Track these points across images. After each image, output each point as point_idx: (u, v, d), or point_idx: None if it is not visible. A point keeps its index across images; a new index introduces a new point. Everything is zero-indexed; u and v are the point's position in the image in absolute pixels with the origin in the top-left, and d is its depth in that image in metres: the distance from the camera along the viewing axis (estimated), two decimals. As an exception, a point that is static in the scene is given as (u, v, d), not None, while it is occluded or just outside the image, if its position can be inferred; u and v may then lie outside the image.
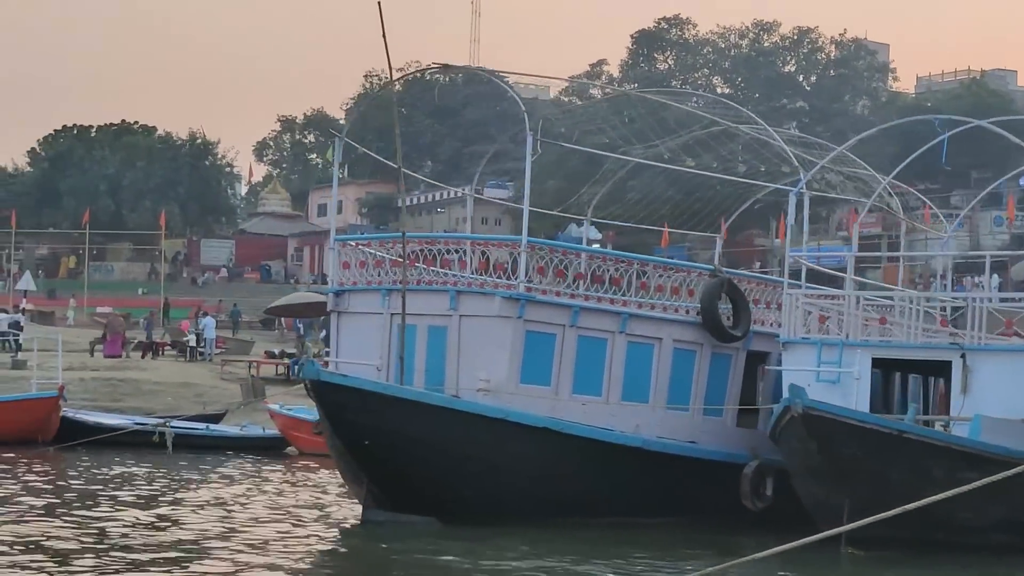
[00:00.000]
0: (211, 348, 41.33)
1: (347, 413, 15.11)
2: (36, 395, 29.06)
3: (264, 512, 17.84)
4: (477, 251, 17.15)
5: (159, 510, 17.76)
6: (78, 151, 77.70)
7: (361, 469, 15.49)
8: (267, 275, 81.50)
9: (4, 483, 21.26)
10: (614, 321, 17.14)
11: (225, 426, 30.07)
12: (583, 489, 16.26)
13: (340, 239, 18.84)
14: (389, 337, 16.91)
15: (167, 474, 23.37)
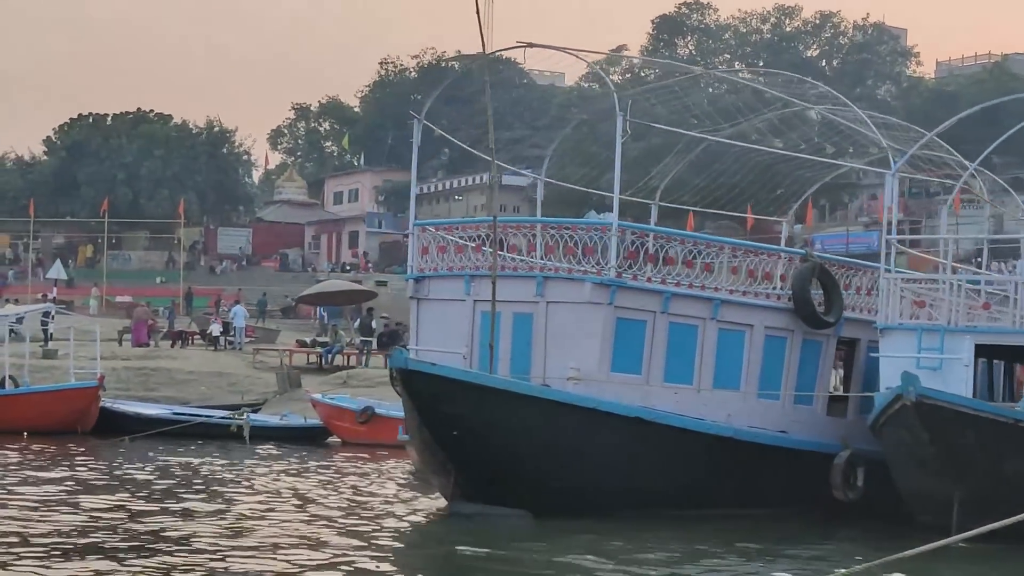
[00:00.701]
0: (241, 337, 40.96)
1: (437, 403, 14.67)
2: (76, 385, 28.78)
3: (343, 503, 17.37)
4: (564, 235, 16.53)
5: (245, 501, 17.35)
6: (96, 140, 77.29)
7: (449, 460, 15.05)
8: (285, 263, 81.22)
9: (91, 471, 21.27)
10: (705, 307, 16.70)
11: (265, 416, 29.72)
12: (674, 480, 15.83)
13: (420, 224, 18.27)
14: (472, 325, 16.50)
15: (230, 465, 22.99)
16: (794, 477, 16.41)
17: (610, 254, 16.12)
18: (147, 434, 27.13)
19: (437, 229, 18.00)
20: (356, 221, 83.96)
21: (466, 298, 16.88)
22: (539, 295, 16.33)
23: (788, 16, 69.48)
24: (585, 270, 16.19)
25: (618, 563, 12.94)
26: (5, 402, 28.55)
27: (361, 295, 40.52)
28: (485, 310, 16.20)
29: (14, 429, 27.75)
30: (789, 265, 17.69)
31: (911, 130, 19.87)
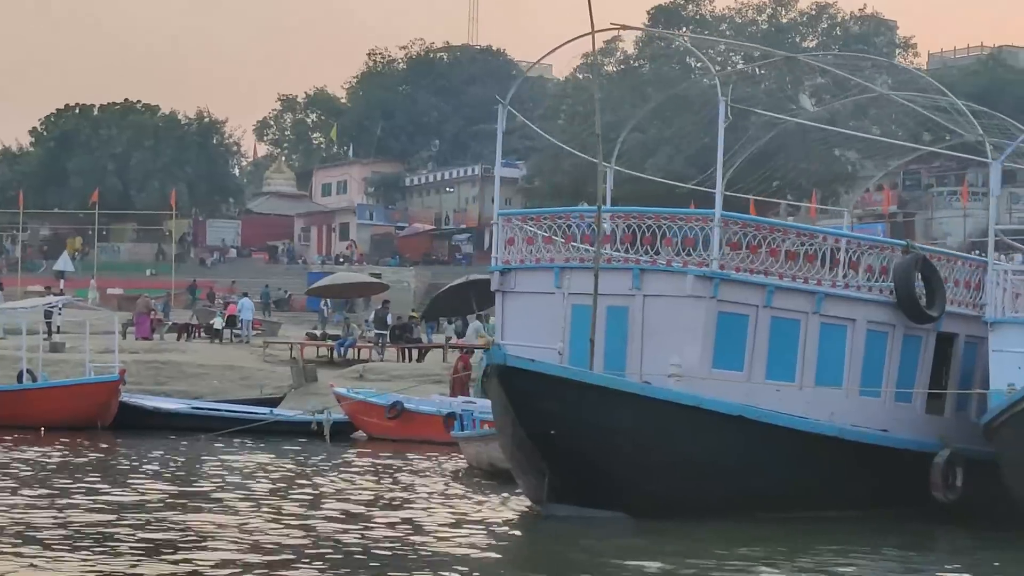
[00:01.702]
0: (248, 330, 40.35)
1: (535, 401, 14.14)
2: (97, 379, 28.20)
3: (427, 505, 16.80)
4: (665, 226, 15.96)
5: (320, 503, 16.81)
6: (85, 130, 76.39)
7: (544, 460, 14.51)
8: (275, 256, 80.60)
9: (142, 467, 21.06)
10: (808, 301, 16.17)
11: (287, 410, 29.17)
12: (776, 482, 15.31)
13: (505, 213, 17.67)
14: (564, 319, 15.96)
15: (295, 463, 22.56)
16: (895, 478, 15.95)
17: (713, 245, 15.60)
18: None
19: (524, 219, 17.35)
20: (346, 213, 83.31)
21: (556, 291, 16.33)
22: (636, 288, 15.82)
23: (784, 7, 69.11)
24: (686, 260, 15.67)
25: (717, 568, 12.52)
26: (24, 397, 28.05)
27: (372, 287, 40.02)
28: (576, 303, 15.71)
29: (31, 424, 27.24)
30: (890, 257, 17.10)
31: (992, 117, 19.33)
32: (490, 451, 18.79)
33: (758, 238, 15.87)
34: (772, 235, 16.12)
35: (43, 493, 17.07)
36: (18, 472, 19.89)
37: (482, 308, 35.90)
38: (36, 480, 18.84)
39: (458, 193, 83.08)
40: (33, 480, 18.83)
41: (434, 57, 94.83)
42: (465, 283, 36.15)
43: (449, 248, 79.27)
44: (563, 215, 17.03)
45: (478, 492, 18.14)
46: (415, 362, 35.88)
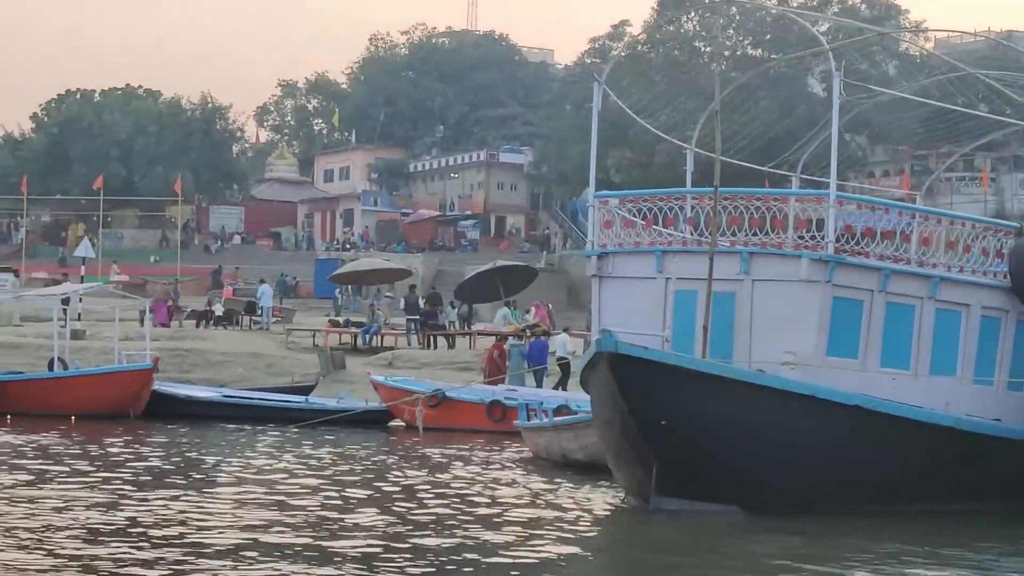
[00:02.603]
0: (268, 317, 39.85)
1: (648, 390, 13.62)
2: (131, 367, 27.71)
3: (512, 499, 16.22)
4: (774, 207, 15.45)
5: (408, 497, 16.27)
6: (88, 116, 75.65)
7: (653, 452, 13.99)
8: (280, 242, 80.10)
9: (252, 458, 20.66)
10: (924, 286, 15.70)
11: (322, 398, 28.71)
12: (893, 474, 14.81)
13: (600, 195, 17.10)
14: (665, 305, 15.45)
15: (363, 454, 22.06)
16: (1010, 469, 15.47)
17: (828, 227, 15.05)
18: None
19: (623, 201, 16.76)
20: (350, 199, 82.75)
21: (657, 276, 15.81)
22: (744, 272, 15.31)
23: (794, -10, 68.64)
24: (798, 243, 15.15)
25: (834, 563, 12.09)
26: (56, 385, 27.56)
27: (395, 274, 39.56)
28: (680, 288, 15.23)
29: (62, 413, 26.77)
30: (1003, 240, 16.53)
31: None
32: (562, 441, 18.36)
33: (872, 220, 15.38)
34: (885, 216, 15.62)
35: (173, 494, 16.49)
36: (114, 467, 19.43)
37: (509, 294, 35.52)
38: (155, 477, 18.28)
39: (463, 179, 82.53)
40: (154, 476, 18.30)
41: (436, 43, 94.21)
42: (492, 269, 35.74)
43: (454, 234, 78.77)
44: (664, 197, 16.45)
45: (563, 484, 17.51)
46: (444, 349, 35.45)
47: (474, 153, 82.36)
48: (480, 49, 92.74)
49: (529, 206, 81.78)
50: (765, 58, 68.95)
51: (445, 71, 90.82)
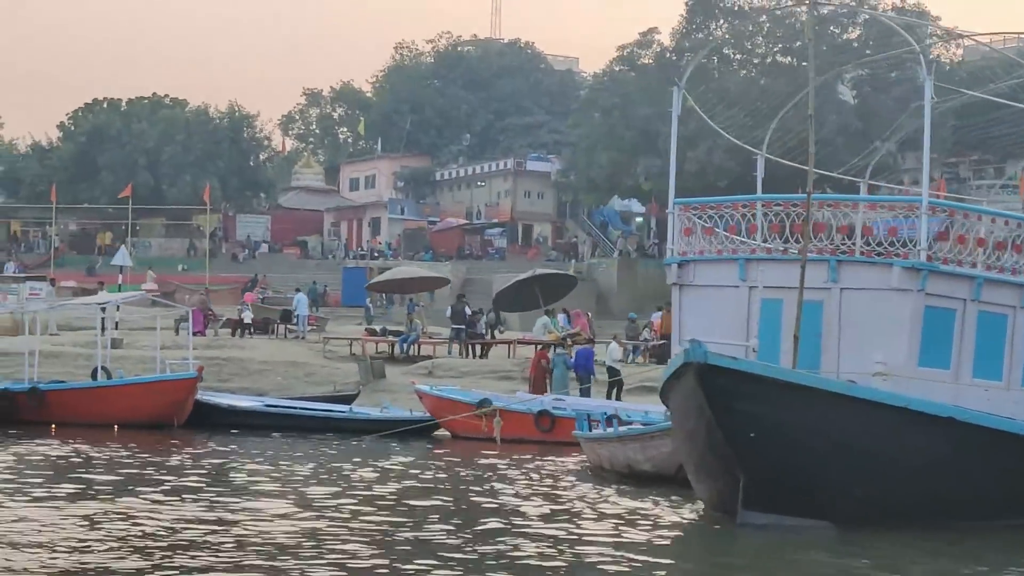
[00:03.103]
0: (304, 325, 39.61)
1: (737, 401, 13.28)
2: (175, 376, 27.50)
3: (590, 512, 15.86)
4: (861, 214, 15.18)
5: (483, 511, 15.94)
6: (116, 124, 75.63)
7: (741, 465, 13.65)
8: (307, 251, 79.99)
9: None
10: (1016, 294, 15.41)
11: (366, 408, 28.48)
12: (987, 488, 14.48)
13: (680, 202, 16.84)
14: (748, 314, 15.16)
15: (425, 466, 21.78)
16: None
17: (921, 234, 14.75)
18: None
19: (704, 208, 16.50)
20: (377, 208, 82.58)
21: (740, 284, 15.54)
22: (832, 281, 15.00)
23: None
24: (889, 251, 14.86)
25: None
26: (100, 394, 27.39)
27: (433, 282, 39.33)
28: (765, 297, 14.92)
29: (104, 422, 26.60)
30: None
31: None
32: (628, 452, 18.09)
33: (965, 226, 15.03)
34: (978, 224, 15.26)
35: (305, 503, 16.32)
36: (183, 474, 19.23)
37: (548, 303, 35.27)
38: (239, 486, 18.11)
39: (489, 187, 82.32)
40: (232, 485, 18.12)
41: (462, 51, 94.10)
42: (531, 277, 35.49)
43: (481, 243, 78.58)
44: (748, 203, 16.14)
45: (635, 496, 17.10)
46: (478, 358, 35.21)
47: (501, 161, 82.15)
48: (505, 57, 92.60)
49: (556, 214, 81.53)
50: (795, 65, 68.62)
51: (471, 79, 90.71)
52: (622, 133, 68.54)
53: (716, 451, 13.76)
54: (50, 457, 21.78)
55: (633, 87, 69.66)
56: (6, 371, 31.17)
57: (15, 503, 15.82)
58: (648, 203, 76.35)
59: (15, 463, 20.50)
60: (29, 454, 22.00)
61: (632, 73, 71.42)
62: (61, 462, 21.04)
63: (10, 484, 17.72)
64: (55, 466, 20.52)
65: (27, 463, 20.65)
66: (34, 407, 26.98)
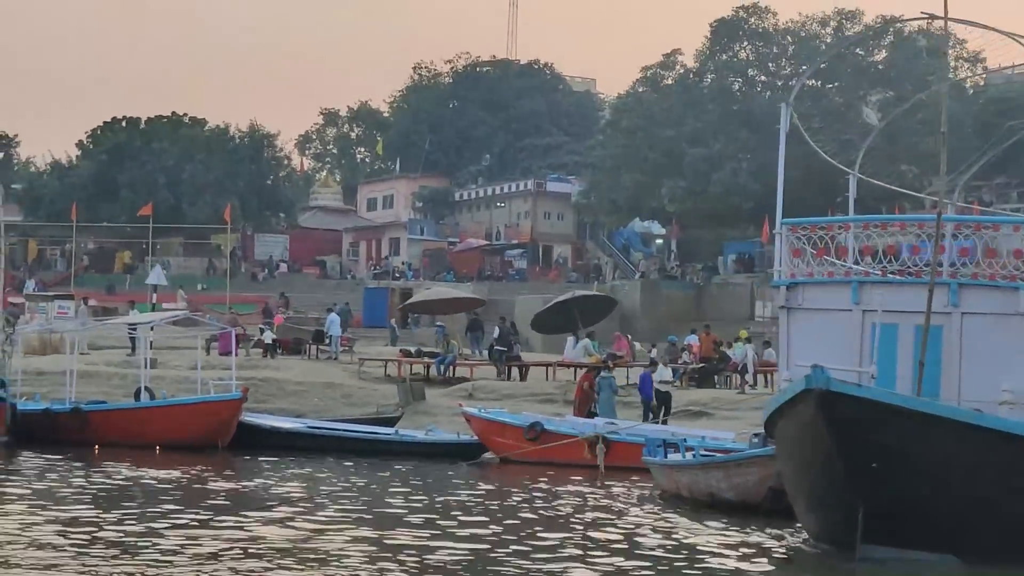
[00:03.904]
0: (336, 346, 39.18)
1: (861, 430, 12.71)
2: (220, 397, 27.09)
3: (682, 541, 15.34)
4: (988, 237, 14.69)
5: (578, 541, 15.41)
6: (136, 143, 75.34)
7: (860, 497, 13.08)
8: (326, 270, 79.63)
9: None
10: None
11: (411, 430, 28.03)
12: None
13: (788, 222, 16.33)
14: (860, 339, 14.66)
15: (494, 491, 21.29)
16: None
17: None
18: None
19: (813, 228, 15.97)
20: (397, 228, 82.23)
21: (853, 308, 15.04)
22: (952, 305, 14.54)
23: (849, 20, 67.89)
24: (1014, 275, 14.38)
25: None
26: (144, 415, 27.03)
27: (467, 303, 38.90)
28: (879, 321, 14.41)
29: (146, 444, 26.21)
30: None
31: None
32: (710, 480, 17.62)
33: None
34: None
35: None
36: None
37: (587, 325, 34.85)
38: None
39: (509, 208, 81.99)
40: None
41: (480, 71, 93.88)
42: (570, 299, 35.07)
43: (501, 263, 78.20)
44: (861, 224, 15.65)
45: (735, 527, 16.44)
46: (515, 380, 34.74)
47: (521, 182, 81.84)
48: (524, 78, 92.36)
49: (576, 235, 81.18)
50: (820, 88, 68.30)
51: (489, 99, 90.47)
52: (646, 154, 68.20)
53: (833, 482, 13.19)
54: (112, 481, 21.24)
55: (657, 108, 69.36)
56: (41, 390, 30.80)
57: (89, 530, 15.41)
58: (669, 225, 76.02)
59: (79, 486, 20.03)
60: (94, 477, 21.46)
61: (655, 94, 71.12)
62: (122, 486, 20.56)
63: (82, 508, 17.36)
64: (117, 491, 20.00)
65: (95, 487, 20.12)
66: (75, 427, 26.60)
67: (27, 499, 18.31)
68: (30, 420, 26.67)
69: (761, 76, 70.19)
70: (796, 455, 13.75)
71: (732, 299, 64.26)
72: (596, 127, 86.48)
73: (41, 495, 18.81)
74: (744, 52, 70.11)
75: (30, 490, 19.49)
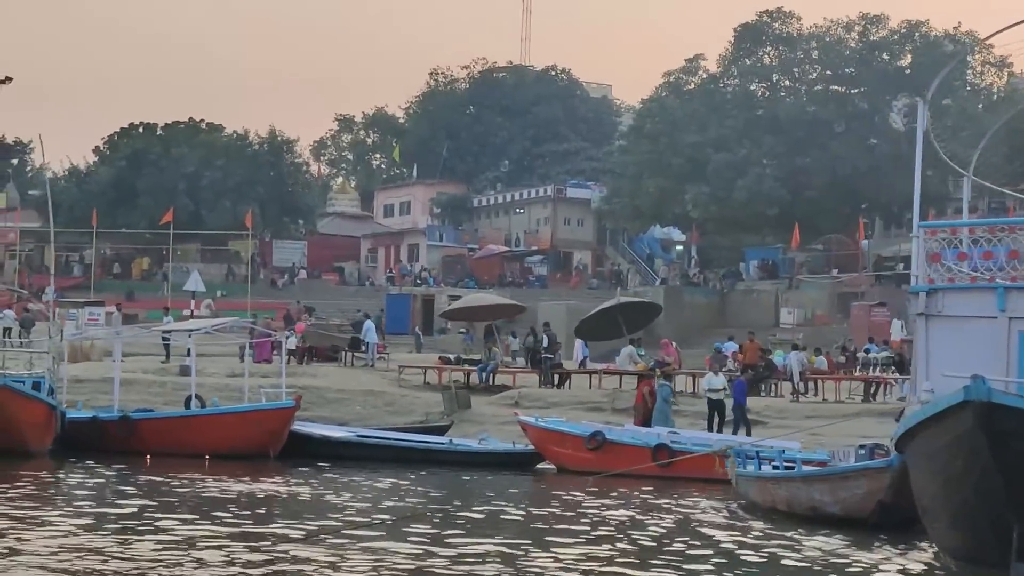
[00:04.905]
0: (373, 353, 38.67)
1: (1021, 443, 12.12)
2: (273, 405, 26.56)
3: (812, 558, 14.79)
4: None
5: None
6: (155, 149, 74.87)
7: (1016, 511, 12.47)
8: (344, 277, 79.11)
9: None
10: None
11: (465, 440, 27.50)
12: None
13: (927, 225, 15.75)
14: (1007, 347, 14.11)
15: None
16: None
17: None
18: None
19: (955, 231, 15.41)
20: (415, 234, 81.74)
21: (998, 315, 14.48)
22: None
23: (874, 25, 67.44)
24: None
25: None
26: (194, 423, 26.45)
27: (507, 309, 38.40)
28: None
29: (195, 453, 25.70)
30: None
31: None
32: (813, 493, 17.07)
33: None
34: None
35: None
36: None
37: (631, 332, 34.34)
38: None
39: (528, 214, 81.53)
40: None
41: (497, 77, 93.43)
42: (614, 306, 34.55)
43: (521, 270, 77.73)
44: (1008, 227, 15.03)
45: (859, 546, 15.74)
46: (555, 387, 34.22)
47: (540, 188, 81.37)
48: (541, 84, 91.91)
49: (596, 241, 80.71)
50: (845, 92, 67.84)
51: (506, 106, 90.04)
52: (670, 160, 67.74)
53: (988, 497, 12.64)
54: (206, 494, 20.58)
55: (681, 113, 68.90)
56: (80, 398, 30.28)
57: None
58: (688, 231, 75.53)
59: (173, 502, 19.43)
60: (181, 491, 20.84)
61: (677, 100, 70.66)
62: (218, 499, 19.95)
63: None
64: (197, 502, 19.39)
65: (189, 502, 19.51)
66: (123, 436, 26.08)
67: (119, 518, 17.30)
68: (77, 428, 26.13)
69: (785, 80, 69.73)
70: (942, 470, 13.14)
71: (756, 306, 63.78)
72: (614, 133, 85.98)
73: (135, 516, 17.51)
74: (768, 57, 69.66)
75: (115, 507, 18.58)
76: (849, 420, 28.95)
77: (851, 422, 29.17)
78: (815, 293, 62.46)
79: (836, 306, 61.22)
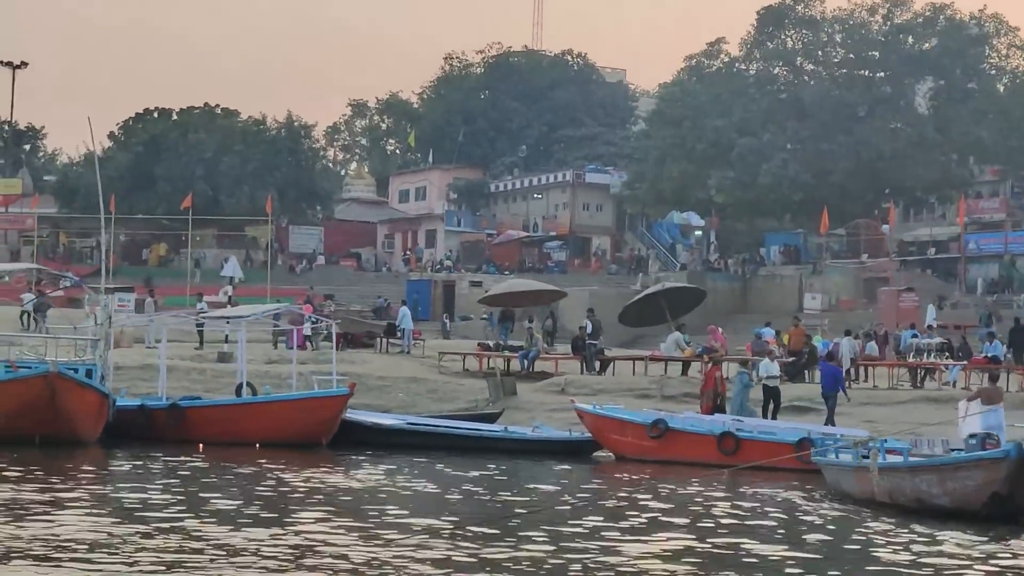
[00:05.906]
0: (409, 340, 38.22)
1: None
2: (327, 392, 26.12)
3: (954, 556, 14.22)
4: None
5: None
6: (173, 135, 74.32)
7: None
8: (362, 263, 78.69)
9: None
10: None
11: (519, 427, 27.05)
12: None
13: None
14: None
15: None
16: None
17: None
18: None
19: None
20: (432, 220, 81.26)
21: None
22: None
23: (899, 8, 66.85)
24: None
25: None
26: (246, 411, 26.03)
27: (549, 295, 37.95)
28: None
29: (246, 441, 25.25)
30: None
31: None
32: (920, 484, 16.57)
33: None
34: None
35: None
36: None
37: (675, 317, 33.91)
38: None
39: (546, 199, 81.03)
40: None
41: (512, 61, 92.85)
42: (657, 291, 34.12)
43: (540, 255, 77.26)
44: None
45: (976, 536, 15.27)
46: (597, 374, 33.76)
47: (559, 173, 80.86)
48: (556, 68, 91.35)
49: (615, 227, 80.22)
50: (869, 76, 67.28)
51: (522, 90, 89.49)
52: (693, 144, 67.21)
53: None
54: (287, 485, 20.07)
55: (704, 98, 68.35)
56: (122, 385, 29.84)
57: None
58: (708, 216, 75.00)
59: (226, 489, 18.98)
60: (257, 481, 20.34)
61: (699, 84, 70.11)
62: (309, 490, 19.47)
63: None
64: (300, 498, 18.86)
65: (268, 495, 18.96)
66: (172, 424, 25.64)
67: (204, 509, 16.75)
68: (125, 417, 25.66)
69: (808, 64, 69.15)
70: None
71: (779, 291, 63.29)
72: (630, 118, 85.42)
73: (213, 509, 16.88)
74: (791, 40, 69.10)
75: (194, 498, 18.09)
76: (904, 406, 28.63)
77: (906, 408, 28.82)
78: (840, 278, 62.00)
79: (861, 291, 60.78)
